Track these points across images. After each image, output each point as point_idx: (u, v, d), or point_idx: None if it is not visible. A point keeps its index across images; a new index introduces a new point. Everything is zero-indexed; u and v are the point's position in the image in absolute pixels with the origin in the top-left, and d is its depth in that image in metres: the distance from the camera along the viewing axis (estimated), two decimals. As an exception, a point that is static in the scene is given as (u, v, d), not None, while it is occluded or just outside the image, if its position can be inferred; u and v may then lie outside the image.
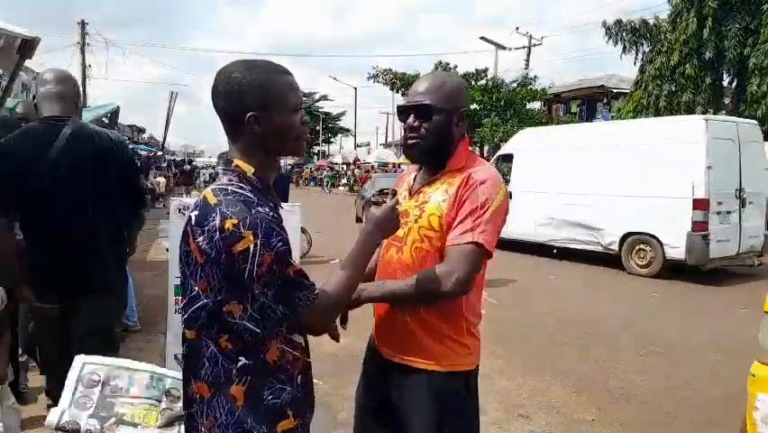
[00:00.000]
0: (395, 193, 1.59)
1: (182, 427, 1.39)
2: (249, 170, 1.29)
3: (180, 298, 1.32)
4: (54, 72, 2.57)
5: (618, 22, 18.64)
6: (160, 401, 1.51)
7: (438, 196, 1.66)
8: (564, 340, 5.34)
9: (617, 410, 3.80)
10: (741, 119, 10.39)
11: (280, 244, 1.20)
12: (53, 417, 1.52)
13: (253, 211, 1.19)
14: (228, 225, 1.17)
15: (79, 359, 1.60)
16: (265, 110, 1.27)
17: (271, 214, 1.23)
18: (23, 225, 2.49)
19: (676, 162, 7.89)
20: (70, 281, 2.42)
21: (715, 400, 4.00)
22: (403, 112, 1.74)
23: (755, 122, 9.88)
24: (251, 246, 1.17)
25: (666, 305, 6.89)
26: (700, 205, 7.73)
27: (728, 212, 8.11)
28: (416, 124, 1.69)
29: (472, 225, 1.54)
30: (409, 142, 1.72)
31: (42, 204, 2.40)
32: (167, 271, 3.19)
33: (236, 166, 1.29)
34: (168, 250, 3.29)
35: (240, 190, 1.24)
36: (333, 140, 55.71)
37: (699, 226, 7.77)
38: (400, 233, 1.65)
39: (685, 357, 4.92)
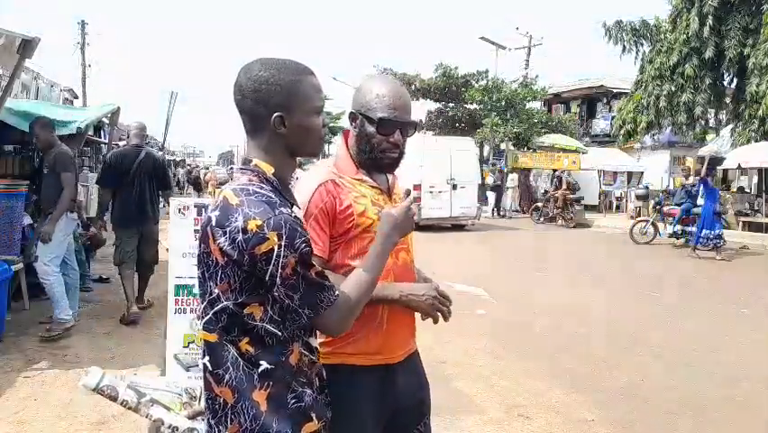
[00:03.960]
0: (409, 193, 1.59)
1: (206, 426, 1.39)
2: (269, 169, 1.27)
3: (199, 299, 1.30)
4: (138, 123, 5.69)
5: (618, 22, 18.59)
6: (181, 395, 1.51)
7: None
8: (564, 340, 5.34)
9: (617, 410, 3.80)
10: (456, 137, 17.36)
11: (304, 245, 1.18)
12: (92, 379, 1.48)
13: (277, 212, 1.17)
14: (252, 226, 1.14)
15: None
16: (291, 111, 1.26)
17: (294, 215, 1.21)
18: (118, 193, 5.37)
19: (412, 164, 12.49)
20: (141, 218, 5.42)
21: (715, 400, 4.00)
22: (388, 124, 1.67)
23: (470, 138, 16.56)
24: (276, 248, 1.14)
25: (666, 304, 6.89)
26: (416, 188, 12.94)
27: (440, 192, 13.95)
28: (402, 140, 1.70)
29: None
30: (391, 156, 1.70)
31: (132, 184, 5.33)
32: (167, 272, 3.19)
33: (256, 165, 1.27)
34: (167, 250, 3.28)
35: (261, 190, 1.21)
36: (332, 140, 55.70)
37: (416, 199, 14.61)
38: None
39: (685, 357, 4.92)
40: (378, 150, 1.68)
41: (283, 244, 1.15)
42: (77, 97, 21.09)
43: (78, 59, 26.64)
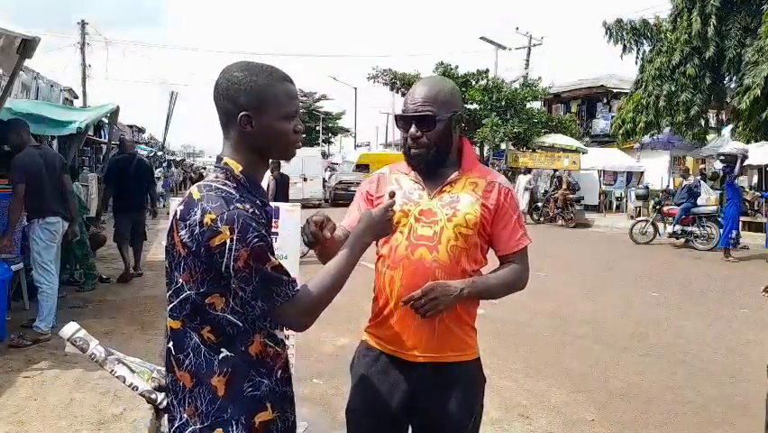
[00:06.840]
0: (393, 195, 1.60)
1: (167, 400, 1.42)
2: (237, 167, 1.32)
3: (165, 288, 1.37)
4: (130, 139, 9.36)
5: (619, 21, 18.58)
6: (151, 371, 1.57)
7: (469, 197, 1.72)
8: (564, 340, 5.34)
9: (617, 410, 3.80)
10: (307, 148, 23.66)
11: (256, 239, 1.22)
12: (69, 330, 1.56)
13: (231, 207, 1.22)
14: (207, 219, 1.21)
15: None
16: (258, 112, 1.30)
17: (252, 210, 1.25)
18: (118, 190, 7.09)
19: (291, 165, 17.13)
20: (135, 207, 7.28)
21: (715, 400, 4.00)
22: (403, 120, 1.74)
23: (317, 148, 27.68)
24: (228, 241, 1.20)
25: (666, 304, 6.90)
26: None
27: (295, 183, 17.35)
28: (418, 133, 1.70)
29: (522, 230, 1.82)
30: (413, 152, 1.72)
31: (128, 184, 7.05)
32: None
33: (225, 163, 1.33)
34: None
35: (223, 187, 1.27)
36: (333, 140, 55.65)
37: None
38: (428, 231, 1.68)
39: (685, 357, 4.92)
40: (405, 146, 1.76)
41: (235, 237, 1.20)
42: (77, 97, 21.08)
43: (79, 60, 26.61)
